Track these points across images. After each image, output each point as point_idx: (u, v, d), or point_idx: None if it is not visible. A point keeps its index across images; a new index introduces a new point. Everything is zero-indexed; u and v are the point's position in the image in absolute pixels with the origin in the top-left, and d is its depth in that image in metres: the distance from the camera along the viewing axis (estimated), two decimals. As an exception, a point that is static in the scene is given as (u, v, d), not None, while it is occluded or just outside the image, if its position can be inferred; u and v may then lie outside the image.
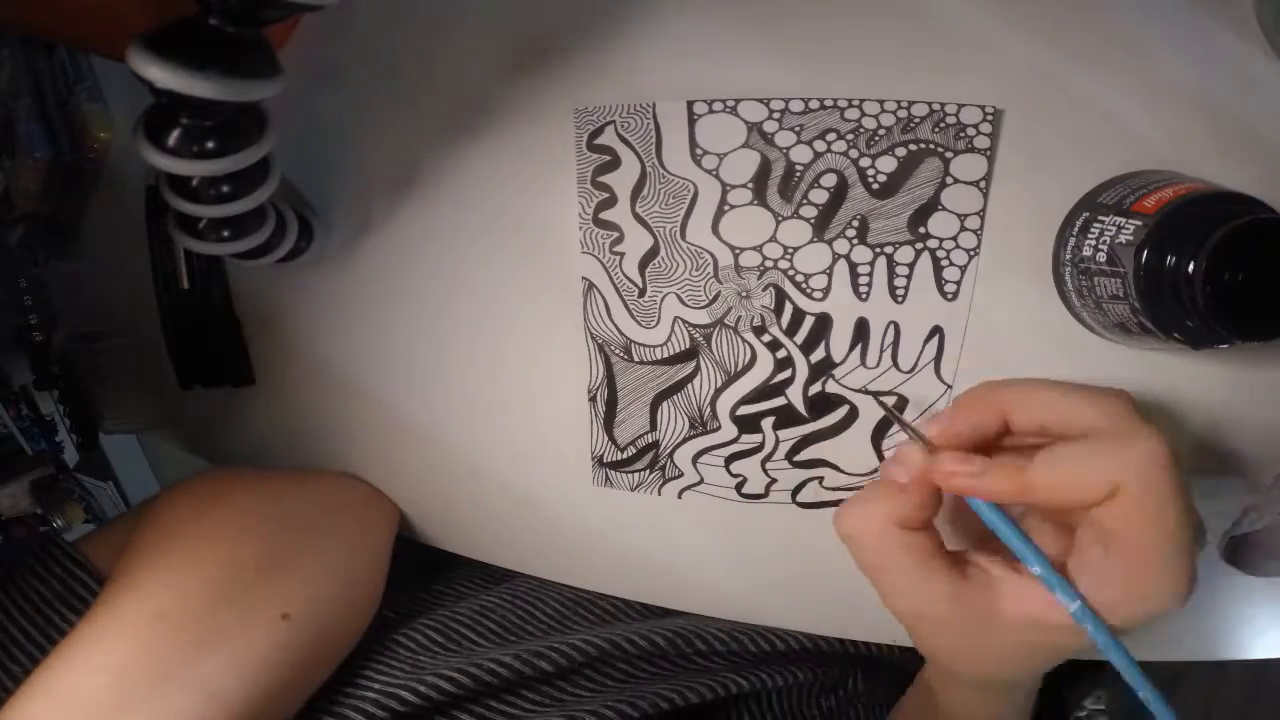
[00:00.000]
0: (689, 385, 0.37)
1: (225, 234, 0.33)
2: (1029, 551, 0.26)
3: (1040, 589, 0.27)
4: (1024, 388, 0.29)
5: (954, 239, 0.33)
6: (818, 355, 0.35)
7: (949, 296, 0.34)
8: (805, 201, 0.34)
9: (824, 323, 0.35)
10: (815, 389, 0.36)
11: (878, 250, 0.34)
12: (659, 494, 0.40)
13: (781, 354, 0.36)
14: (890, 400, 0.35)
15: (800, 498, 0.38)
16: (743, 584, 0.41)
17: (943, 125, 0.32)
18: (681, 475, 0.39)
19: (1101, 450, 0.25)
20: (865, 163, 0.33)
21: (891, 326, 0.34)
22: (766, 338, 0.36)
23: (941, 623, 0.28)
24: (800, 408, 0.36)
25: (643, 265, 0.36)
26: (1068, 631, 0.26)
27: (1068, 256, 0.30)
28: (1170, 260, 0.25)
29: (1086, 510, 0.26)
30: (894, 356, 0.35)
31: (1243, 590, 0.35)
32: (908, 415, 0.35)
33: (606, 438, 0.40)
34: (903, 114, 0.32)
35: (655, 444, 0.39)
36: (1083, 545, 0.26)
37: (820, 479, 0.37)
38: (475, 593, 0.44)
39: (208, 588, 0.33)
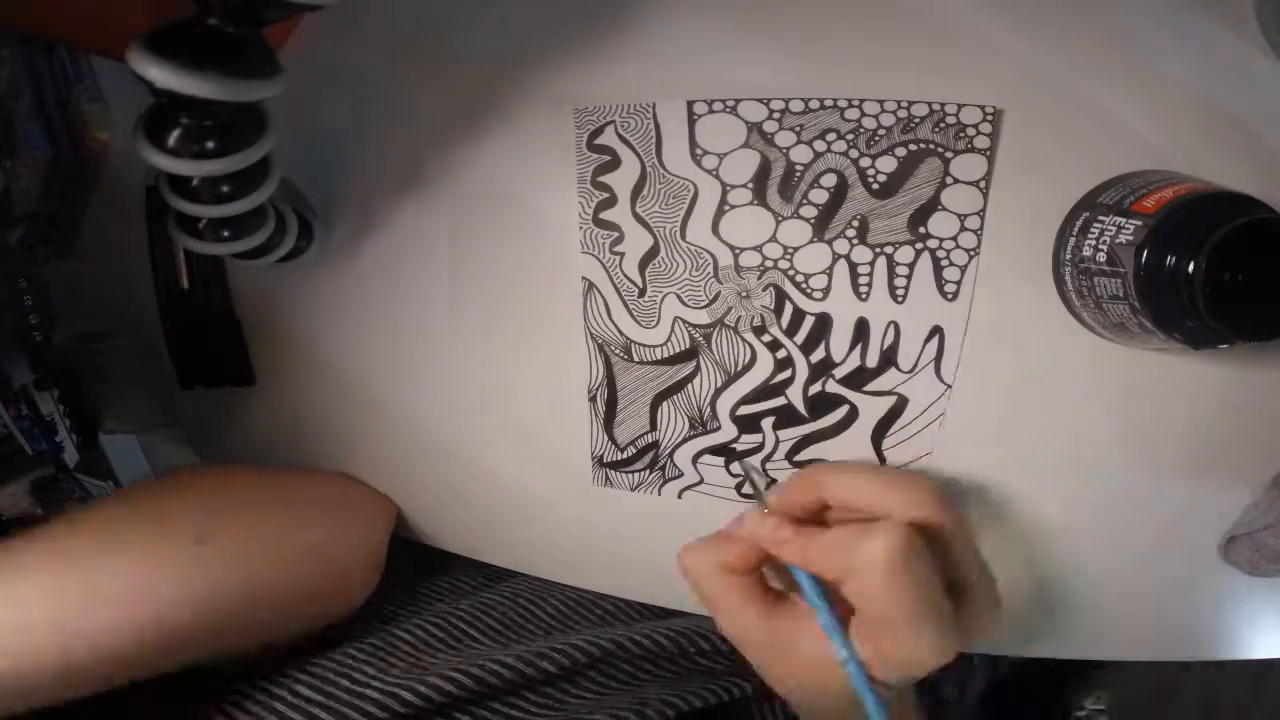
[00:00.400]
0: (689, 385, 0.37)
1: (225, 234, 0.33)
2: (819, 603, 0.30)
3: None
4: (836, 473, 0.33)
5: (954, 239, 0.33)
6: (818, 355, 0.35)
7: (949, 296, 0.34)
8: (805, 201, 0.34)
9: (824, 323, 0.35)
10: (815, 389, 0.36)
11: (878, 250, 0.34)
12: (659, 494, 0.40)
13: (781, 354, 0.36)
14: (891, 400, 0.35)
15: (800, 498, 0.38)
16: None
17: (943, 125, 0.32)
18: (681, 475, 0.39)
19: (845, 540, 0.29)
20: (865, 163, 0.33)
21: (891, 326, 0.34)
22: (766, 338, 0.36)
23: (755, 645, 0.33)
24: (800, 408, 0.36)
25: (643, 265, 0.36)
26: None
27: (1068, 256, 0.30)
28: (1170, 260, 0.25)
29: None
30: (894, 356, 0.35)
31: (1243, 590, 0.35)
32: (908, 415, 0.35)
33: (606, 438, 0.39)
34: (903, 114, 0.32)
35: (655, 444, 0.39)
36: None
37: (820, 479, 0.37)
38: (476, 590, 0.44)
39: (128, 510, 0.35)
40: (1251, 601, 0.35)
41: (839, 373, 0.36)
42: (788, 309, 0.35)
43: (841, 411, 0.36)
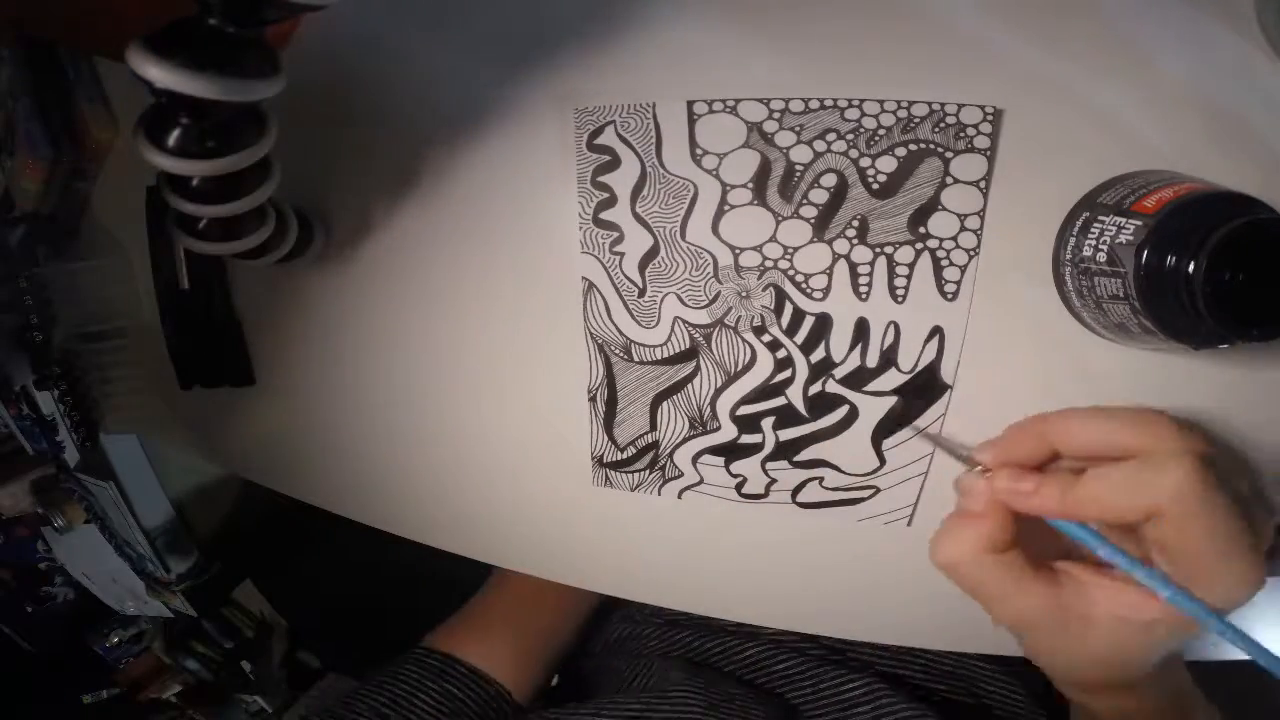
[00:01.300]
0: (689, 385, 0.37)
1: (225, 234, 0.33)
2: (1113, 552, 0.27)
3: (1130, 589, 0.28)
4: (1066, 416, 0.30)
5: (954, 239, 0.33)
6: (818, 355, 0.35)
7: (949, 296, 0.34)
8: (805, 201, 0.34)
9: (824, 323, 0.35)
10: (815, 389, 0.36)
11: (878, 250, 0.34)
12: (659, 494, 0.40)
13: (781, 354, 0.36)
14: (891, 400, 0.35)
15: (800, 498, 0.38)
16: (743, 584, 0.41)
17: (943, 125, 0.32)
18: (681, 475, 0.39)
19: (1138, 476, 0.26)
20: (865, 163, 0.33)
21: (891, 326, 0.34)
22: (766, 338, 0.36)
23: (1045, 629, 0.29)
24: (800, 408, 0.36)
25: (643, 265, 0.36)
26: (1158, 626, 0.28)
27: (1068, 256, 0.30)
28: (1170, 260, 0.25)
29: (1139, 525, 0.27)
30: (894, 356, 0.35)
31: (1243, 590, 0.35)
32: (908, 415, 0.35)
33: (606, 438, 0.40)
34: (903, 114, 0.32)
35: (655, 444, 0.39)
36: (1151, 552, 0.28)
37: (820, 479, 0.37)
38: None
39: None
40: (1251, 601, 0.35)
41: (839, 373, 0.36)
42: (788, 309, 0.35)
43: (841, 412, 0.36)
